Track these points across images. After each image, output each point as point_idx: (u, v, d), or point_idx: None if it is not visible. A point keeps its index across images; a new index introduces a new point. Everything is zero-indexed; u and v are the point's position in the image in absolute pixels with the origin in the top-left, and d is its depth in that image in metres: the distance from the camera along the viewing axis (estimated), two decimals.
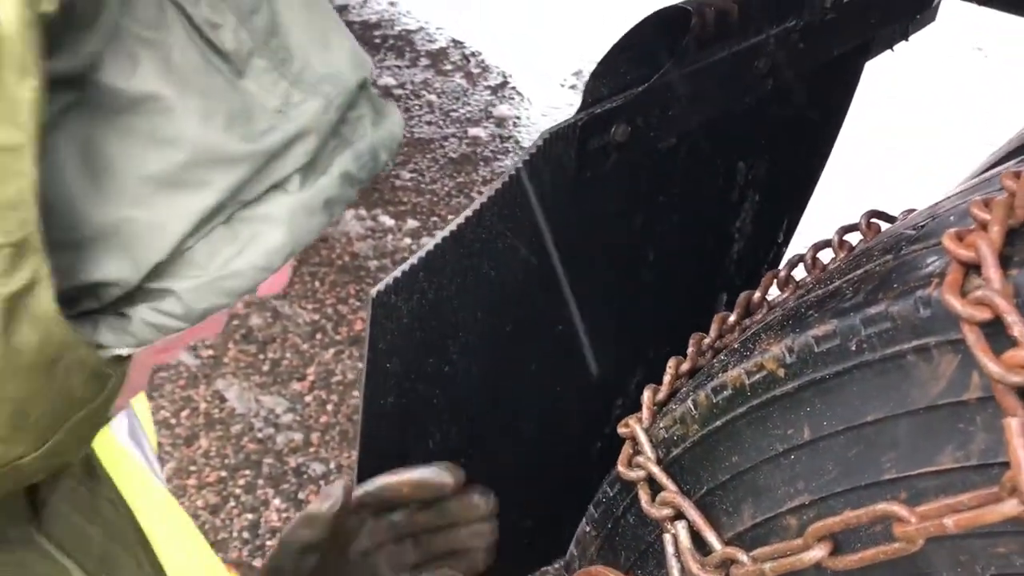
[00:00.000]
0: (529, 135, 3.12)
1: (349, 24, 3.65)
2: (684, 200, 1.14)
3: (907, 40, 1.38)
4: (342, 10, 3.81)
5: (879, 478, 0.56)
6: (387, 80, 3.34)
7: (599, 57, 0.97)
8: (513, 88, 3.40)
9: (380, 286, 0.86)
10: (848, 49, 1.24)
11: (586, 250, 1.07)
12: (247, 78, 0.37)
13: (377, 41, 3.60)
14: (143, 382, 0.47)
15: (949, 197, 0.69)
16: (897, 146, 3.11)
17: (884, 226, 0.87)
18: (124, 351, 0.39)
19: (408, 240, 2.61)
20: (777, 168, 1.29)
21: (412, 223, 2.68)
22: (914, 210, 0.82)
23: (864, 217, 0.89)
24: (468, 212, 0.92)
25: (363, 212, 2.68)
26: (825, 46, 1.19)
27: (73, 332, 0.36)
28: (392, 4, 3.92)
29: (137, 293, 0.38)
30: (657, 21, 0.97)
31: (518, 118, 3.22)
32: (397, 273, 0.88)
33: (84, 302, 0.37)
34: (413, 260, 0.89)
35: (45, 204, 0.33)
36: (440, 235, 0.93)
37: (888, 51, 1.40)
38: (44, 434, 0.38)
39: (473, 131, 3.11)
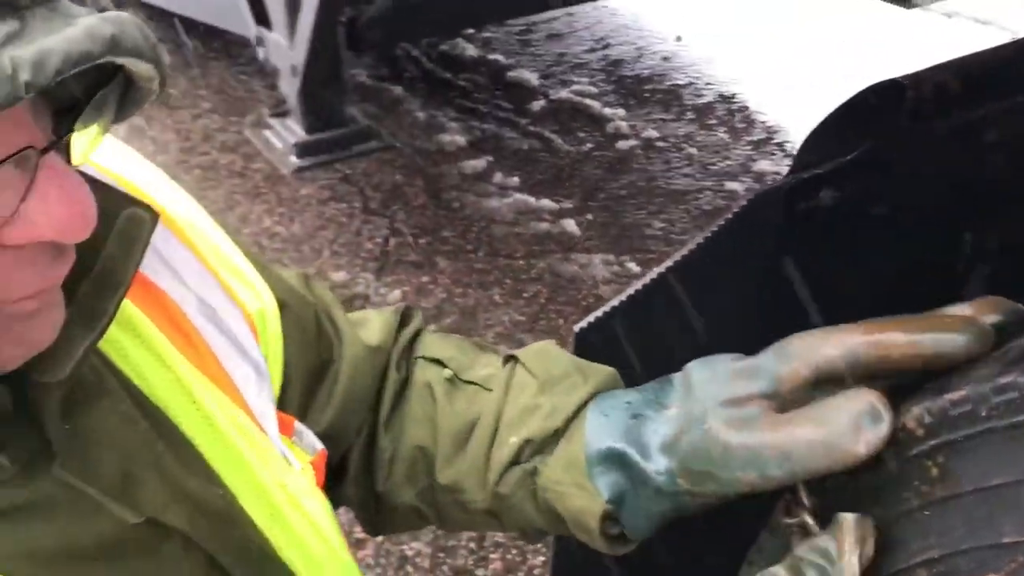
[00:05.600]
0: None
1: (621, 80, 3.84)
2: (900, 266, 1.15)
3: None
4: (617, 64, 4.00)
5: (999, 540, 0.58)
6: (650, 132, 3.46)
7: None
8: (776, 144, 3.41)
9: (583, 323, 0.96)
10: None
11: (792, 311, 1.11)
12: None
13: (646, 95, 3.74)
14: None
15: None
16: None
17: None
18: None
19: None
20: (1010, 239, 1.25)
21: None
22: None
23: None
24: (671, 261, 1.00)
25: (611, 257, 2.81)
26: None
27: None
28: (665, 60, 4.05)
29: None
30: (873, 94, 1.01)
31: (777, 174, 3.22)
32: (599, 312, 0.98)
33: None
34: (615, 301, 0.98)
35: None
36: (645, 279, 1.01)
37: None
38: None
39: (730, 185, 3.15)
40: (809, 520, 0.76)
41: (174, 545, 0.56)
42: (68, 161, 0.46)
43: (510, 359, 0.76)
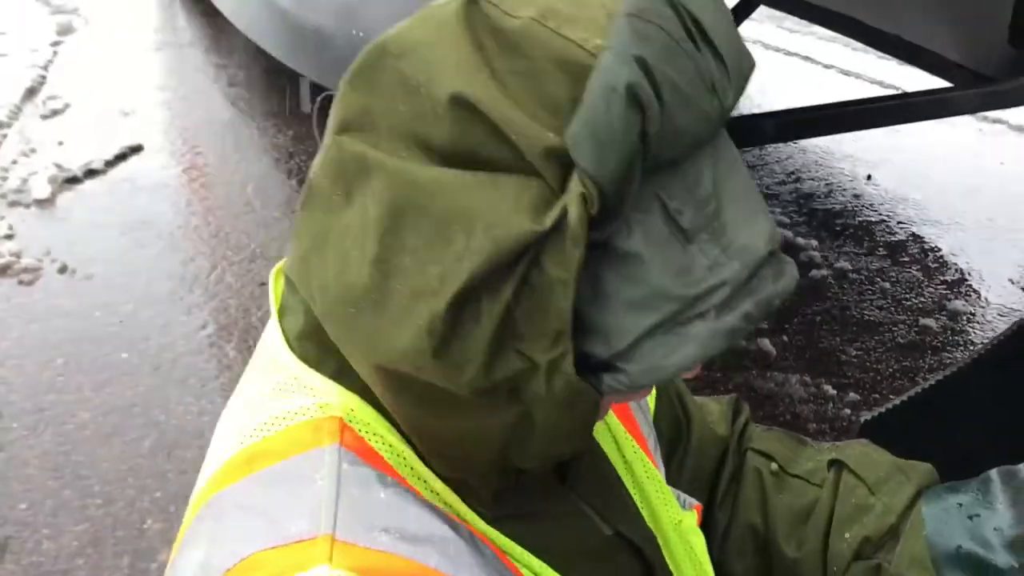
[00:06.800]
0: (983, 332, 3.17)
1: (812, 212, 4.00)
2: None
3: None
4: (808, 198, 4.17)
5: None
6: (843, 264, 3.60)
7: None
8: (970, 286, 3.48)
9: (868, 415, 1.14)
10: None
11: None
12: (693, 244, 0.54)
13: (838, 229, 3.89)
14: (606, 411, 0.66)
15: None
16: None
17: None
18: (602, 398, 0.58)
19: (847, 411, 2.81)
20: None
21: (853, 396, 2.87)
22: None
23: None
24: (941, 375, 1.17)
25: (807, 379, 2.93)
26: None
27: (581, 381, 0.56)
28: (856, 197, 4.20)
29: (609, 368, 0.56)
30: None
31: (972, 314, 3.29)
32: (882, 409, 1.15)
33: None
34: (896, 401, 1.16)
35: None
36: (918, 388, 1.18)
37: None
38: (560, 443, 0.60)
39: (924, 321, 3.24)
40: None
41: (626, 555, 0.73)
42: None
43: (834, 462, 0.87)
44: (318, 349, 0.63)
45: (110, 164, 4.59)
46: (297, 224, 0.60)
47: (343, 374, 0.62)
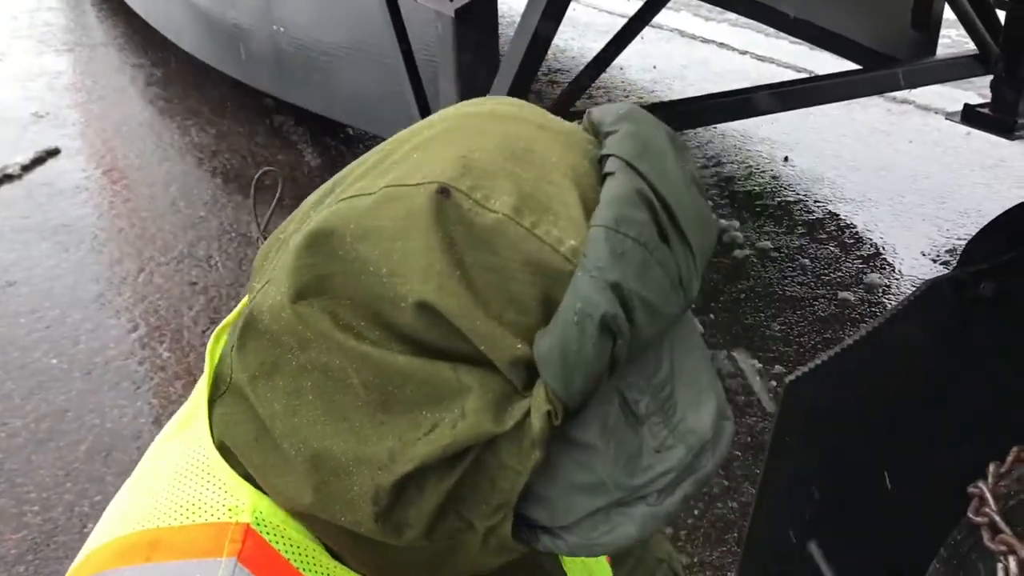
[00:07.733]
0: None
1: (733, 195, 4.13)
2: None
3: None
4: (728, 181, 4.30)
5: None
6: (765, 243, 3.72)
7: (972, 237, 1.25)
8: (885, 260, 3.64)
9: (794, 375, 1.21)
10: None
11: (959, 381, 1.33)
12: (644, 427, 0.55)
13: (758, 210, 4.02)
14: None
15: None
16: None
17: None
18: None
19: (773, 383, 2.92)
20: None
21: (778, 368, 2.98)
22: None
23: None
24: (857, 336, 1.24)
25: (734, 354, 3.04)
26: None
27: (517, 542, 0.57)
28: (774, 178, 4.34)
29: (549, 531, 0.58)
30: None
31: (887, 286, 3.44)
32: (805, 368, 1.22)
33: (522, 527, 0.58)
34: (825, 356, 1.23)
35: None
36: (836, 348, 1.25)
37: None
38: (488, 566, 0.61)
39: (843, 294, 3.38)
40: (996, 517, 0.98)
41: None
42: None
43: None
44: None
45: (26, 168, 4.49)
46: (244, 340, 0.58)
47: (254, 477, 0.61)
